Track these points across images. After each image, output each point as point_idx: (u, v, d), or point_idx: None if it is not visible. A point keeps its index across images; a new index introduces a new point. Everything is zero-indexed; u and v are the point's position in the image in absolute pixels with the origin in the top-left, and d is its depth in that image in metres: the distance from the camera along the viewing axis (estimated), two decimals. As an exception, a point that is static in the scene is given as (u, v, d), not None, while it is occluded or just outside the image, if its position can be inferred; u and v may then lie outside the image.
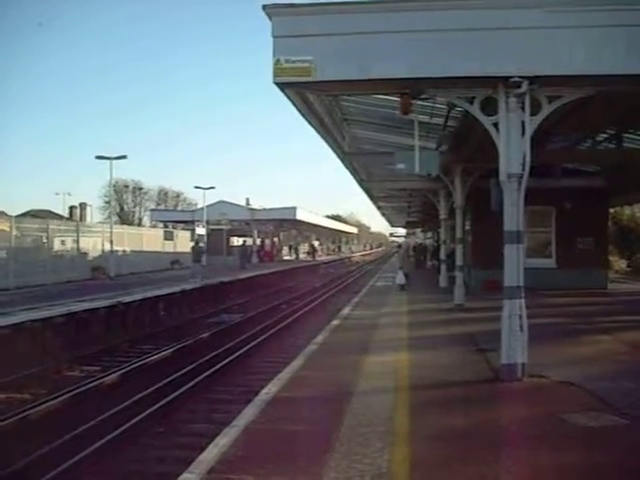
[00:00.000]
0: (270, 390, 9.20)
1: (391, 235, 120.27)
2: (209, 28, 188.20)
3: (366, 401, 8.44)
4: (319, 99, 13.82)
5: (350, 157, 22.68)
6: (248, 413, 8.00)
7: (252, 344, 17.87)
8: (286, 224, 73.02)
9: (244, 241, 60.45)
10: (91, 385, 13.14)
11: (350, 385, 9.33)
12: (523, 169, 9.33)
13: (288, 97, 11.09)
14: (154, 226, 70.32)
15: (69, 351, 16.80)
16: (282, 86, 9.71)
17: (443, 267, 27.19)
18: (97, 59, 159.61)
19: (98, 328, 19.87)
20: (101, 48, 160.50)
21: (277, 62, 9.02)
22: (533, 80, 8.99)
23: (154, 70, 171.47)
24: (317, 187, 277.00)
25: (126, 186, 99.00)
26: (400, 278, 26.91)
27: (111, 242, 39.02)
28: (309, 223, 73.50)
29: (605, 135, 20.09)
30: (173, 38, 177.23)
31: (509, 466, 6.07)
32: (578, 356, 11.50)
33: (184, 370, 14.29)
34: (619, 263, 39.09)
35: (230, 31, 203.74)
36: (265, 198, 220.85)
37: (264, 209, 64.24)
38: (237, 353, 16.39)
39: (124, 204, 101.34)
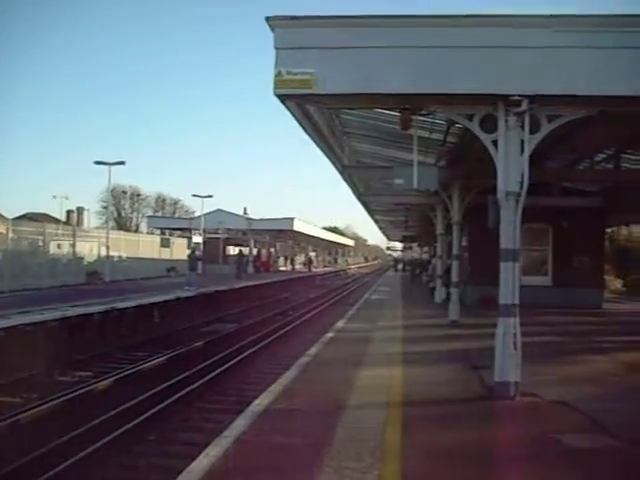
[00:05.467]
0: (262, 401, 9.16)
1: (388, 248, 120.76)
2: (212, 49, 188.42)
3: (358, 415, 8.41)
4: (319, 112, 13.88)
5: (349, 170, 22.72)
6: (239, 424, 7.96)
7: (245, 354, 17.83)
8: (283, 235, 73.07)
9: (240, 250, 60.39)
10: (83, 391, 13.10)
11: (342, 399, 9.29)
12: (521, 187, 9.34)
13: (288, 109, 11.12)
14: (151, 233, 70.27)
15: (62, 356, 16.72)
16: (282, 98, 9.73)
17: (439, 282, 27.20)
18: (99, 67, 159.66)
19: (92, 333, 19.80)
20: (102, 53, 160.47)
21: (278, 74, 9.04)
22: (533, 99, 9.02)
23: (155, 80, 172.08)
24: (315, 198, 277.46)
25: (124, 192, 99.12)
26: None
27: (107, 247, 39.05)
28: (306, 234, 73.51)
29: (603, 155, 20.16)
30: (175, 53, 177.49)
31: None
32: (572, 376, 11.49)
33: (177, 378, 14.26)
34: (615, 282, 39.11)
35: (233, 52, 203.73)
36: (263, 208, 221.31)
37: (262, 219, 64.27)
38: (230, 362, 16.35)
39: (122, 210, 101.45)
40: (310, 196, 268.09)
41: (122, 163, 39.92)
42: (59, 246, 37.17)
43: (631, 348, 15.12)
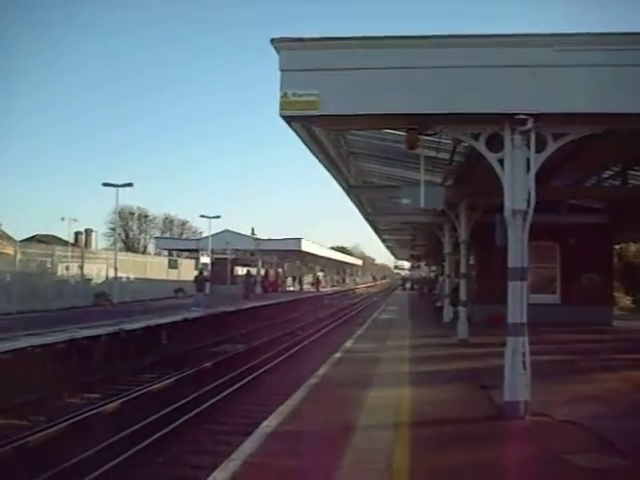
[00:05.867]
0: (270, 423, 9.13)
1: (395, 267, 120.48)
2: (217, 59, 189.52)
3: (367, 436, 8.36)
4: (325, 132, 13.88)
5: (355, 190, 22.70)
6: (247, 446, 7.92)
7: (253, 375, 17.81)
8: (290, 255, 73.08)
9: (248, 271, 60.41)
10: (91, 413, 13.09)
11: (351, 420, 9.25)
12: (528, 206, 9.33)
13: (294, 130, 11.14)
14: (159, 254, 70.46)
15: (70, 378, 16.73)
16: (288, 119, 9.76)
17: (447, 301, 27.11)
18: (106, 86, 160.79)
19: (100, 355, 19.80)
20: (110, 74, 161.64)
21: (284, 95, 9.07)
22: (538, 117, 9.02)
23: (162, 100, 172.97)
24: (322, 218, 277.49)
25: (132, 213, 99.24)
26: None
27: (115, 269, 39.15)
28: (313, 254, 73.49)
29: (610, 172, 20.13)
30: (181, 69, 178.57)
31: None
32: (582, 394, 11.39)
33: (185, 400, 14.23)
34: (624, 299, 38.89)
35: (238, 62, 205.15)
36: (270, 228, 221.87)
37: (269, 239, 64.33)
38: (238, 384, 16.32)
39: (129, 231, 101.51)
40: (317, 216, 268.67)
41: (130, 185, 40.07)
42: (67, 268, 37.30)
43: (641, 366, 15.02)
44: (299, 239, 62.85)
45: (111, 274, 39.81)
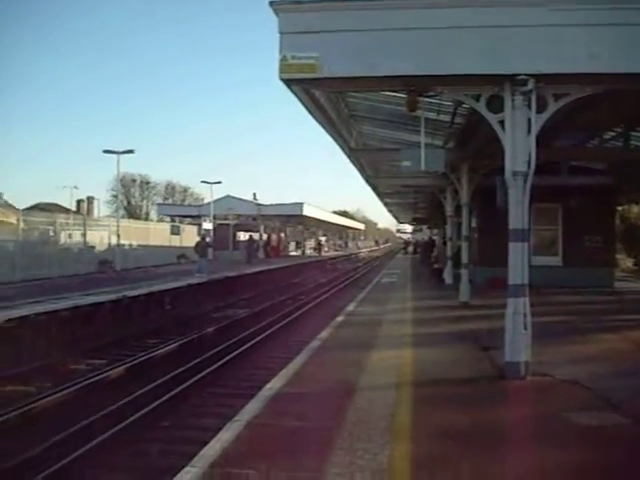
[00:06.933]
0: (274, 385, 9.21)
1: (398, 231, 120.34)
2: (217, 33, 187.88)
3: (369, 397, 8.44)
4: (325, 95, 13.83)
5: (356, 153, 22.64)
6: (251, 408, 8.02)
7: (257, 339, 17.93)
8: (293, 220, 73.05)
9: (250, 236, 60.39)
10: (96, 379, 13.21)
11: (353, 381, 9.33)
12: (529, 167, 9.30)
13: (294, 93, 11.10)
14: (161, 220, 70.52)
15: (74, 344, 16.84)
16: (288, 82, 9.71)
17: (449, 264, 27.15)
18: (107, 56, 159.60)
19: (104, 322, 19.89)
20: (111, 42, 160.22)
21: (283, 58, 9.02)
22: (539, 78, 8.96)
23: (164, 69, 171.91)
24: (325, 182, 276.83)
25: (133, 180, 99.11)
26: None
27: (118, 236, 39.16)
28: (316, 219, 73.44)
29: (612, 133, 20.03)
30: (182, 43, 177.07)
31: (510, 464, 6.08)
32: (583, 355, 11.47)
33: (189, 364, 14.36)
34: (626, 261, 38.90)
35: (240, 39, 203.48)
36: (272, 193, 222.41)
37: (271, 204, 64.21)
38: (242, 348, 16.44)
39: (131, 198, 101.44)
40: (320, 180, 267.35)
41: (131, 152, 39.98)
42: (70, 235, 37.28)
43: (642, 326, 15.08)
44: (301, 204, 62.66)
45: (114, 241, 39.81)
